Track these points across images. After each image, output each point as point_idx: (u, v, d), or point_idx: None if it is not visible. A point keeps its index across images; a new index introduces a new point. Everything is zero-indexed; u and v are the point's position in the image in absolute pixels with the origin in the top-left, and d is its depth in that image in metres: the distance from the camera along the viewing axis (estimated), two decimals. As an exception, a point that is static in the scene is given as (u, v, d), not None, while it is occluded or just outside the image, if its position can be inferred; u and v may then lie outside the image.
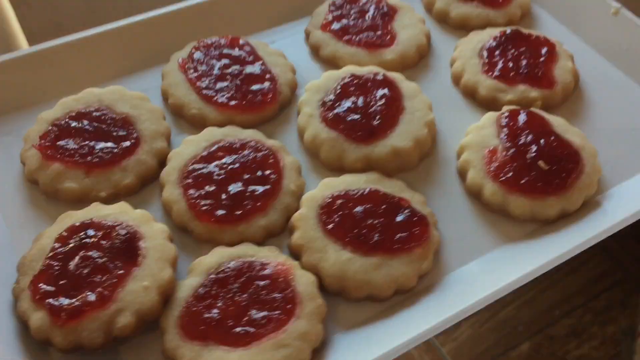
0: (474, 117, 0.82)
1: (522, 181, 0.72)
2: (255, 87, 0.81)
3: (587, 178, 0.73)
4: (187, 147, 0.75)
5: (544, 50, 0.87)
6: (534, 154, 0.73)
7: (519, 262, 0.67)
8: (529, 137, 0.75)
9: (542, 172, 0.72)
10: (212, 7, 0.93)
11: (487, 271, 0.68)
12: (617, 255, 1.34)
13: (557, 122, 0.79)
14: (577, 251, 0.66)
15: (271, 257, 0.66)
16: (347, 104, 0.78)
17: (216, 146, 0.75)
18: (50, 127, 0.74)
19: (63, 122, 0.75)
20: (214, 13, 0.93)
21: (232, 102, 0.79)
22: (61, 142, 0.73)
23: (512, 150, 0.74)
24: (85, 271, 0.62)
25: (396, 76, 0.83)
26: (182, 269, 0.67)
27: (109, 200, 0.71)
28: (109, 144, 0.73)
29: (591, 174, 0.74)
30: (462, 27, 0.94)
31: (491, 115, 0.80)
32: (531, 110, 0.78)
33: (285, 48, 0.91)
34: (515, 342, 1.22)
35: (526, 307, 1.26)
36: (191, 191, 0.70)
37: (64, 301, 0.60)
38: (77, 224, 0.66)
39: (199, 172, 0.72)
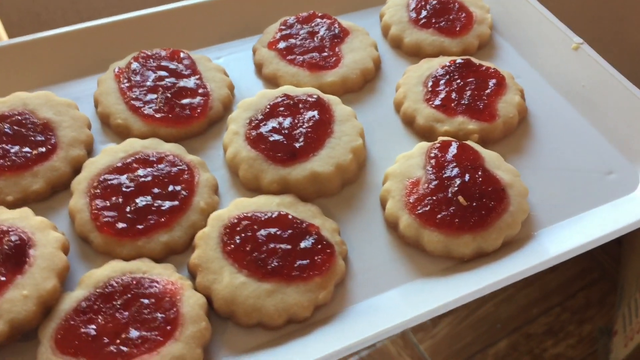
0: (410, 146, 0.79)
1: (439, 216, 0.68)
2: (185, 101, 0.80)
3: (510, 217, 0.70)
4: (104, 156, 0.74)
5: (491, 83, 0.84)
6: (455, 189, 0.70)
7: (422, 299, 0.64)
8: (454, 171, 0.71)
9: (461, 208, 0.69)
10: (166, 18, 0.92)
11: (389, 306, 0.65)
12: (595, 254, 1.35)
13: (490, 157, 0.76)
14: (479, 295, 0.62)
15: (164, 275, 0.64)
16: (272, 123, 0.76)
17: (132, 158, 0.73)
18: (-30, 128, 0.74)
19: (-16, 123, 0.74)
20: (167, 25, 0.92)
21: (158, 115, 0.78)
22: (-23, 144, 0.73)
23: (434, 183, 0.71)
24: (-31, 275, 0.61)
25: (332, 99, 0.81)
26: (76, 279, 0.66)
27: (16, 204, 0.70)
28: (25, 149, 0.73)
29: (515, 214, 0.70)
30: (415, 54, 0.92)
31: (423, 145, 0.77)
32: (464, 143, 0.75)
33: (231, 64, 0.90)
34: (493, 339, 1.24)
35: (504, 305, 1.27)
36: (97, 202, 0.69)
37: (-60, 304, 0.59)
38: (-27, 226, 0.65)
39: (109, 182, 0.71)
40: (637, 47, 1.57)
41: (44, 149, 0.73)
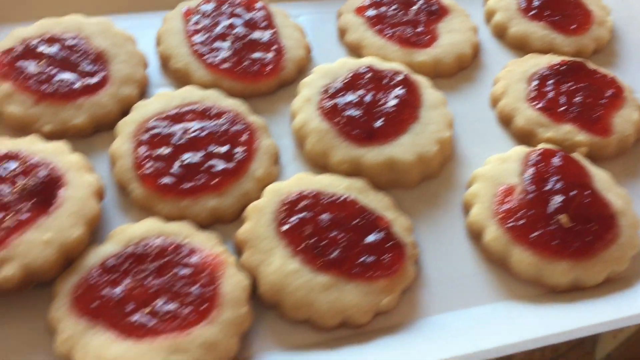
0: (503, 147, 0.68)
1: (534, 233, 0.58)
2: (256, 55, 0.70)
3: (618, 250, 0.58)
4: (157, 100, 0.65)
5: (608, 93, 0.72)
6: (558, 205, 0.59)
7: (500, 329, 0.53)
8: (558, 185, 0.61)
9: (562, 228, 0.58)
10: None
11: (460, 328, 0.54)
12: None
13: (600, 176, 0.64)
14: (565, 338, 0.52)
15: (206, 245, 0.55)
16: (351, 96, 0.66)
17: (189, 107, 0.64)
18: (17, 45, 0.65)
19: (34, 42, 0.66)
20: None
21: (224, 65, 0.68)
22: (21, 63, 0.64)
23: (532, 195, 0.60)
24: (-13, 206, 0.53)
25: (422, 81, 0.71)
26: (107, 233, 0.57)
27: (53, 136, 0.62)
28: (72, 77, 0.64)
29: (624, 247, 0.59)
30: (520, 47, 0.81)
31: (520, 150, 0.66)
32: (569, 155, 0.64)
33: (310, 25, 0.80)
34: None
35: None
36: (142, 149, 0.60)
37: (-51, 233, 0.51)
38: (2, 153, 0.57)
39: (159, 130, 0.62)
40: None
41: (92, 81, 0.64)
